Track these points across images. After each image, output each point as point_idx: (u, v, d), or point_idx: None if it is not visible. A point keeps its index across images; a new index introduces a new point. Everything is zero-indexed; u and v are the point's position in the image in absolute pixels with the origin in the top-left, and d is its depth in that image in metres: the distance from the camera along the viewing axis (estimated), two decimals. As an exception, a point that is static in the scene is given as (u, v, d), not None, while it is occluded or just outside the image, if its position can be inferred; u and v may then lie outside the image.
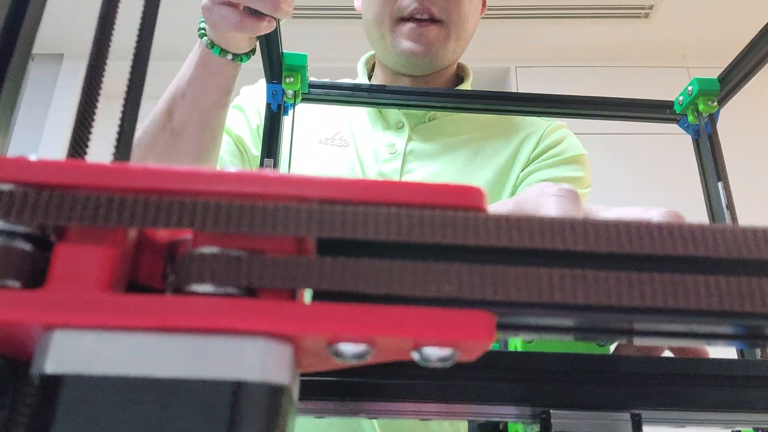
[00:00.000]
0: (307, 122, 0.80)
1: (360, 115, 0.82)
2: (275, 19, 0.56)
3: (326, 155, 0.77)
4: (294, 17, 0.63)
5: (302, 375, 0.18)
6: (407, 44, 0.76)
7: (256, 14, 0.55)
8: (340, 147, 0.78)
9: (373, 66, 0.88)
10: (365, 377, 0.26)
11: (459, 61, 0.87)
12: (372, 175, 0.75)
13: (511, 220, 0.17)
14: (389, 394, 0.26)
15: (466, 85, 0.85)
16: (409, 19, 0.75)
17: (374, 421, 0.65)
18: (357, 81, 0.85)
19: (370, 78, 0.87)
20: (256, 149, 0.76)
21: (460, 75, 0.88)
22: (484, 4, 0.85)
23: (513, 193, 0.76)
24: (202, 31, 0.59)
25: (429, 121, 0.81)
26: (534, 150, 0.78)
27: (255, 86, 0.82)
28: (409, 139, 0.78)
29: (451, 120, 0.82)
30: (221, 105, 0.63)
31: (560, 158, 0.77)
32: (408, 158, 0.77)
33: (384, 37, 0.78)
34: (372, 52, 0.87)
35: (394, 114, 0.80)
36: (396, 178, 0.75)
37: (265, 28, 0.56)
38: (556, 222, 0.17)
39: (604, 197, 0.90)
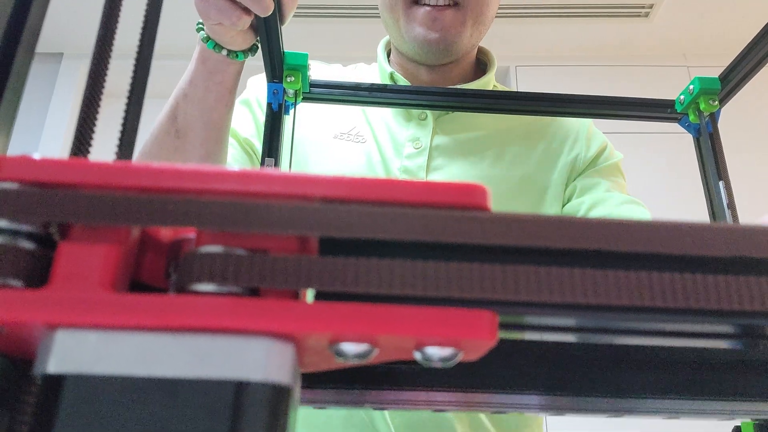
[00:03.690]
0: (319, 117, 0.77)
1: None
2: (255, 13, 0.56)
3: (342, 151, 0.74)
4: (294, 16, 0.62)
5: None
6: (420, 30, 0.72)
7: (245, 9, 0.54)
8: (356, 143, 0.75)
9: (390, 52, 0.84)
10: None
11: (482, 45, 0.82)
12: (395, 170, 0.72)
13: (514, 220, 0.17)
14: (398, 381, 0.24)
15: (490, 74, 0.81)
16: (424, 3, 0.72)
17: (388, 418, 0.64)
18: (377, 65, 0.82)
19: (389, 62, 0.83)
20: None
21: (483, 61, 0.83)
22: None
23: (547, 197, 0.75)
24: (200, 25, 0.59)
25: (451, 112, 0.78)
26: (579, 157, 0.77)
27: (261, 76, 0.77)
28: (434, 133, 0.75)
29: (473, 113, 0.79)
30: (224, 104, 0.62)
31: (609, 164, 0.77)
32: (434, 154, 0.74)
33: (397, 21, 0.74)
34: (388, 37, 0.83)
35: None
36: (422, 174, 0.73)
37: (244, 19, 0.55)
38: (558, 221, 0.17)
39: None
